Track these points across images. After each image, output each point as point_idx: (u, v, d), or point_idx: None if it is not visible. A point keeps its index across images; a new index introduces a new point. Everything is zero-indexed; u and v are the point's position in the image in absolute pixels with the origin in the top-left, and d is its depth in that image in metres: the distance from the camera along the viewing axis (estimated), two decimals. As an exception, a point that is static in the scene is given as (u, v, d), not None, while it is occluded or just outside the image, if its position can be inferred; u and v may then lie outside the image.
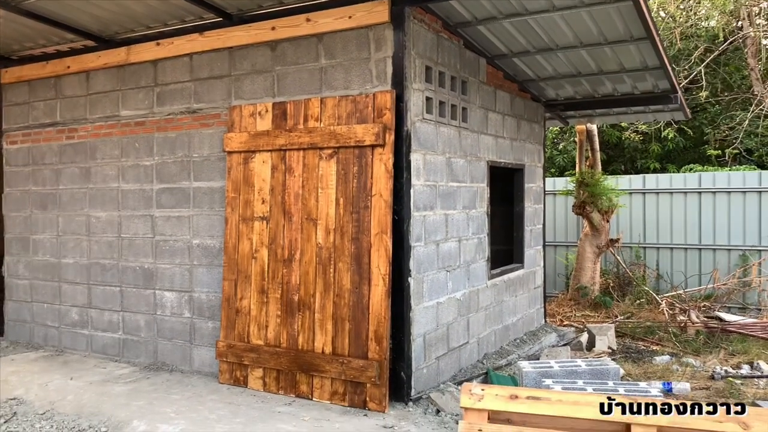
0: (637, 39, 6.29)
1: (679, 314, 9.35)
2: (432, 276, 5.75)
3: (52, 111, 7.35)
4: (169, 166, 6.45)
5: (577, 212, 10.65)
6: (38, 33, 6.79)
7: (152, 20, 6.25)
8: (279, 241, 5.59)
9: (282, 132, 5.59)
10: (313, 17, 5.51)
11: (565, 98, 8.70)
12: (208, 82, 6.18)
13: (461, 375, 6.26)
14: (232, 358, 5.73)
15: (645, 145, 15.76)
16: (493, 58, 6.96)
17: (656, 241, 11.26)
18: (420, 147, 5.49)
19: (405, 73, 5.20)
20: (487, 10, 5.79)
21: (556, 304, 10.63)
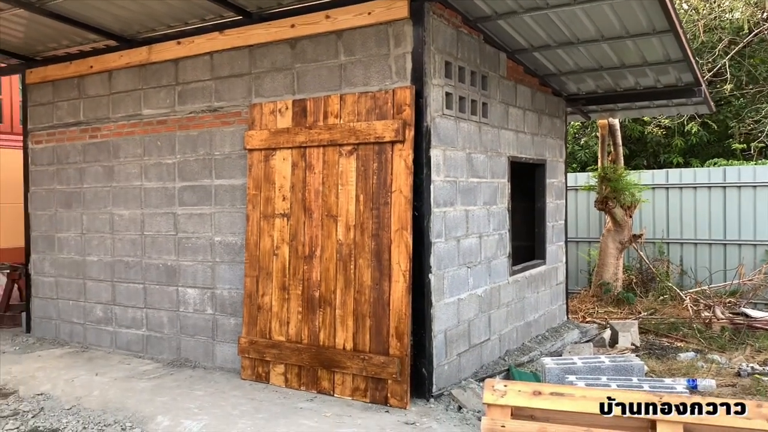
0: (660, 32, 6.20)
1: (703, 310, 9.23)
2: (453, 272, 5.74)
3: (75, 110, 7.45)
4: (190, 164, 6.50)
5: (600, 207, 10.55)
6: (61, 33, 6.88)
7: (173, 19, 6.30)
8: (300, 238, 5.60)
9: (302, 129, 5.61)
10: (332, 14, 5.51)
11: (587, 92, 8.62)
12: (228, 80, 6.22)
13: (483, 372, 6.24)
14: (254, 354, 5.76)
15: (668, 140, 15.55)
16: (514, 53, 6.91)
17: (680, 237, 11.12)
18: (440, 143, 5.48)
19: (424, 69, 5.18)
20: (508, 4, 5.74)
21: (578, 301, 10.55)
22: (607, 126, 11.07)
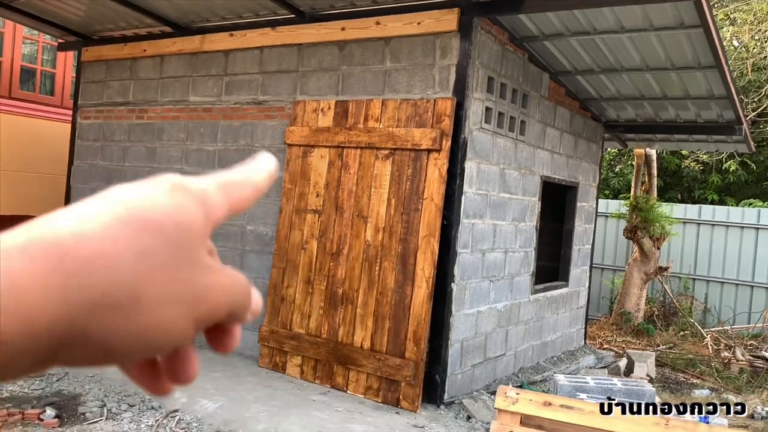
0: (705, 67, 6.22)
1: (723, 350, 9.15)
2: (475, 284, 5.81)
3: (125, 91, 7.69)
4: (230, 153, 6.68)
5: (628, 236, 10.51)
6: (120, 15, 7.12)
7: (228, 12, 6.50)
8: (329, 235, 5.73)
9: (342, 129, 5.75)
10: (382, 21, 5.65)
11: (626, 120, 8.63)
12: (275, 75, 6.39)
13: (495, 385, 6.29)
14: (273, 343, 5.90)
15: (704, 176, 15.40)
16: (557, 74, 6.98)
17: (707, 274, 11.02)
18: (475, 155, 5.57)
19: (467, 82, 5.28)
20: (555, 26, 5.82)
21: (597, 327, 10.51)
22: (644, 156, 11.04)
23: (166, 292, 0.34)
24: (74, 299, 0.32)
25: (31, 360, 0.32)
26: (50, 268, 0.32)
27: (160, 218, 0.35)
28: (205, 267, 0.37)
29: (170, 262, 0.35)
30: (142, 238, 0.34)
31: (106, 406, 4.74)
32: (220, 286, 0.37)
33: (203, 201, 0.38)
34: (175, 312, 0.34)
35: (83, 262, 0.32)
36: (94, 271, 0.32)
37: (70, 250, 0.32)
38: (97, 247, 0.33)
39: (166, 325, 0.34)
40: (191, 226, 0.36)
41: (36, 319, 0.31)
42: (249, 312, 0.41)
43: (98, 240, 0.33)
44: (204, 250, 0.37)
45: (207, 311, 0.36)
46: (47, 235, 0.33)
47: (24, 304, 0.31)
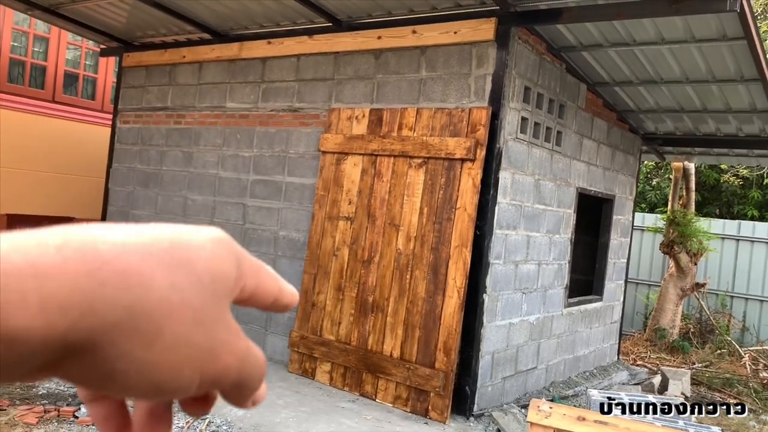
0: (748, 80, 6.09)
1: (762, 370, 8.90)
2: (507, 296, 5.76)
3: (164, 96, 7.83)
4: (265, 159, 6.74)
5: (665, 251, 10.32)
6: (160, 22, 7.26)
7: (266, 19, 6.58)
8: (360, 242, 5.74)
9: (375, 137, 5.76)
10: (419, 30, 5.65)
11: (664, 133, 8.49)
12: (311, 83, 6.44)
13: (525, 399, 6.21)
14: (303, 349, 5.92)
15: (744, 191, 15.05)
16: (594, 85, 6.90)
17: (745, 292, 10.75)
18: (510, 165, 5.53)
19: (503, 92, 5.25)
20: (594, 37, 5.76)
21: (631, 343, 10.32)
22: (682, 169, 10.84)
23: (186, 335, 0.33)
24: (100, 310, 0.30)
25: (36, 364, 0.30)
26: (83, 272, 0.30)
27: (199, 260, 0.34)
28: (228, 325, 0.36)
29: (199, 306, 0.34)
30: (179, 272, 0.33)
31: (138, 406, 4.80)
32: (236, 350, 0.36)
33: (240, 263, 0.37)
34: (188, 359, 0.33)
35: (119, 275, 0.31)
36: (127, 288, 0.31)
37: (108, 260, 0.31)
38: (136, 264, 0.32)
39: (175, 370, 0.33)
40: (225, 280, 0.36)
41: (56, 322, 0.29)
42: (254, 393, 0.39)
43: (138, 257, 0.32)
44: (229, 308, 0.36)
45: (216, 371, 0.35)
46: (87, 240, 0.32)
47: (48, 303, 0.29)
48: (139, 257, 0.32)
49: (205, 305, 0.34)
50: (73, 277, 0.30)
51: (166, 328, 0.32)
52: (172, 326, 0.32)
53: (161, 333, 0.32)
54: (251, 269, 0.39)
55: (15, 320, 0.28)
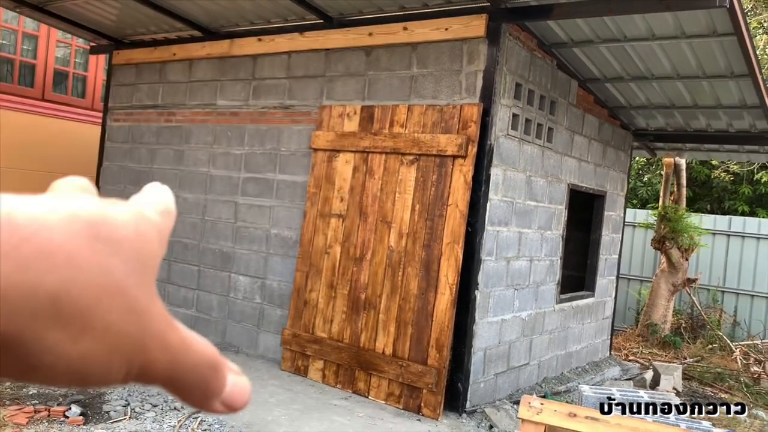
0: (738, 75, 6.11)
1: (753, 365, 8.95)
2: (499, 292, 5.76)
3: (154, 94, 7.79)
4: (257, 156, 6.72)
5: (656, 247, 10.36)
6: (151, 20, 7.22)
7: (257, 17, 6.55)
8: (352, 240, 5.73)
9: (367, 135, 5.75)
10: (410, 26, 5.65)
11: (656, 129, 8.51)
12: (302, 80, 6.42)
13: (518, 395, 6.22)
14: (295, 347, 5.91)
15: (735, 186, 15.12)
16: (585, 82, 6.91)
17: (736, 287, 10.81)
18: (501, 162, 5.53)
19: (494, 88, 5.25)
20: (585, 33, 5.77)
21: (623, 338, 10.36)
22: (673, 165, 10.88)
23: (118, 324, 0.29)
24: (19, 299, 0.26)
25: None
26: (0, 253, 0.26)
27: (125, 239, 0.30)
28: (159, 313, 0.31)
29: (130, 291, 0.30)
30: (105, 252, 0.29)
31: (130, 405, 4.78)
32: (167, 344, 0.31)
33: (161, 236, 0.33)
34: (118, 349, 0.29)
35: (41, 255, 0.27)
36: (50, 270, 0.27)
37: (28, 236, 0.27)
38: (60, 240, 0.27)
39: (104, 362, 0.29)
40: (152, 262, 0.32)
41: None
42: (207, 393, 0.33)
43: (62, 236, 0.28)
44: (157, 294, 0.32)
45: (142, 363, 0.30)
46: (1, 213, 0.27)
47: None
48: (62, 233, 0.28)
49: (136, 290, 0.30)
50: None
51: (97, 317, 0.28)
52: (102, 314, 0.28)
53: (91, 323, 0.28)
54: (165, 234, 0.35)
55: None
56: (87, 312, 0.28)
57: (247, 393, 0.35)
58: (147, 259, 0.31)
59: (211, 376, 0.33)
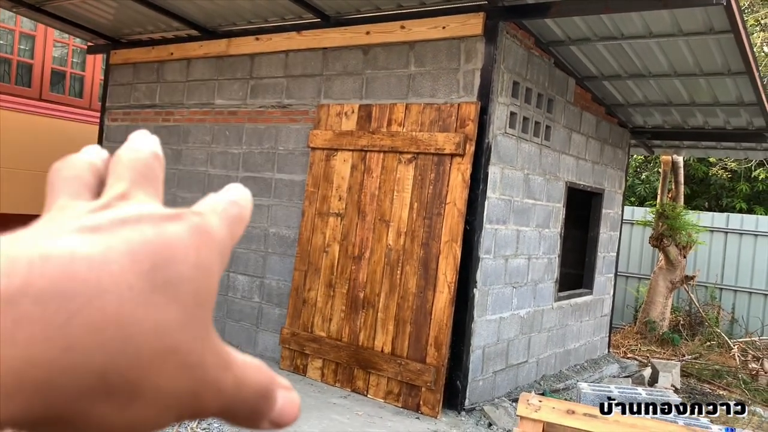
0: (735, 73, 6.12)
1: (751, 361, 8.97)
2: (497, 290, 5.77)
3: (152, 93, 7.79)
4: (255, 156, 6.72)
5: (654, 244, 10.37)
6: (148, 19, 7.22)
7: (254, 16, 6.55)
8: (351, 239, 5.74)
9: (365, 133, 5.75)
10: (407, 25, 5.65)
11: (653, 126, 8.52)
12: (300, 79, 6.42)
13: (517, 393, 6.23)
14: (294, 346, 5.91)
15: (732, 184, 15.15)
16: (583, 80, 6.92)
17: (734, 284, 10.83)
18: (499, 160, 5.53)
19: (492, 87, 5.26)
20: (582, 31, 5.77)
21: (621, 336, 10.38)
22: (671, 162, 10.90)
23: (169, 386, 0.26)
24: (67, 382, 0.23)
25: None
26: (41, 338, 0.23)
27: (182, 280, 0.26)
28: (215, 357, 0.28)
29: (185, 346, 0.26)
30: (161, 304, 0.25)
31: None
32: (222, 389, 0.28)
33: (224, 253, 0.29)
34: (168, 408, 0.26)
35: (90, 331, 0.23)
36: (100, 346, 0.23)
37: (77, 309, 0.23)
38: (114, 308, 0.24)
39: (152, 420, 0.26)
40: (212, 293, 0.28)
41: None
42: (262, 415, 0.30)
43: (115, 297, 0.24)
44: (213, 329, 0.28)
45: (194, 411, 0.27)
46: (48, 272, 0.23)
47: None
48: (116, 296, 0.24)
49: (191, 343, 0.26)
50: (25, 347, 0.22)
51: (147, 383, 0.25)
52: (152, 380, 0.25)
53: (140, 390, 0.25)
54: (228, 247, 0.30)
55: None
56: (137, 381, 0.25)
57: (297, 409, 0.32)
58: (206, 297, 0.27)
59: (261, 404, 0.31)
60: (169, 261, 0.26)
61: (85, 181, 0.31)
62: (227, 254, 0.30)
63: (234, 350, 0.29)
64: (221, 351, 0.28)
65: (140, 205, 0.28)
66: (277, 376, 0.31)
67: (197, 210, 0.30)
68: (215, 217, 0.30)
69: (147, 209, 0.28)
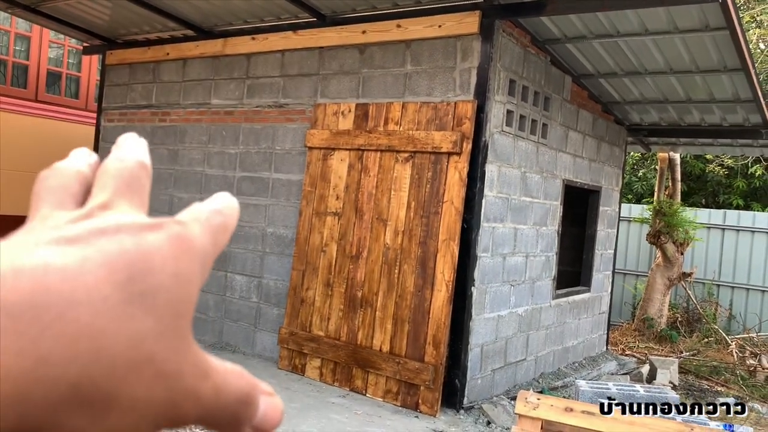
0: (731, 70, 6.13)
1: (749, 358, 8.99)
2: (495, 288, 5.77)
3: (148, 94, 7.77)
4: (252, 155, 6.72)
5: (651, 241, 10.38)
6: (144, 19, 7.21)
7: (250, 15, 6.54)
8: (348, 238, 5.73)
9: (362, 132, 5.75)
10: (403, 24, 5.65)
11: (650, 124, 8.53)
12: (296, 78, 6.41)
13: (515, 391, 6.23)
14: (292, 345, 5.91)
15: (729, 180, 15.17)
16: (579, 77, 6.92)
17: (731, 280, 10.85)
18: (496, 158, 5.54)
19: (488, 85, 5.26)
20: (578, 28, 5.78)
21: (619, 333, 10.39)
22: (667, 160, 10.91)
23: (146, 395, 0.25)
24: (41, 394, 0.23)
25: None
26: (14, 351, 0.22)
27: (160, 289, 0.26)
28: (193, 366, 0.27)
29: (162, 356, 0.26)
30: (137, 315, 0.25)
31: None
32: (201, 398, 0.27)
33: (205, 263, 0.29)
34: (144, 417, 0.26)
35: (65, 344, 0.23)
36: (73, 358, 0.23)
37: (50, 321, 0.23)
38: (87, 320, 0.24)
39: (130, 429, 0.26)
40: (190, 303, 0.27)
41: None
42: (245, 425, 0.30)
43: (89, 309, 0.24)
44: (192, 338, 0.28)
45: (171, 419, 0.27)
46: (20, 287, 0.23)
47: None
48: (90, 308, 0.24)
49: (167, 352, 0.26)
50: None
51: (122, 393, 0.25)
52: (128, 390, 0.25)
53: (116, 401, 0.24)
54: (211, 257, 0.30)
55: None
56: (112, 392, 0.24)
57: (279, 414, 0.32)
58: (184, 306, 0.27)
59: (242, 410, 0.30)
60: (145, 272, 0.26)
61: (70, 191, 0.31)
62: (209, 263, 0.30)
63: (214, 358, 0.29)
64: (199, 359, 0.28)
65: (121, 215, 0.28)
66: (259, 382, 0.31)
67: (179, 219, 0.30)
68: (197, 225, 0.30)
69: (127, 219, 0.28)
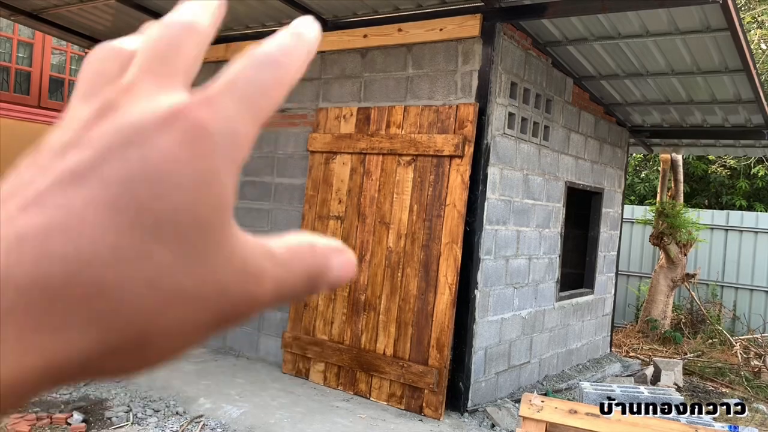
0: (733, 70, 6.13)
1: (753, 359, 8.97)
2: (499, 291, 5.77)
3: (151, 100, 7.78)
4: (255, 160, 6.73)
5: (654, 243, 10.37)
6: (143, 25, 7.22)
7: (252, 20, 6.56)
8: (351, 241, 5.74)
9: (364, 136, 5.76)
10: (404, 27, 5.66)
11: (652, 125, 8.53)
12: (298, 83, 6.41)
13: (519, 393, 6.23)
14: (296, 349, 5.91)
15: (732, 181, 15.15)
16: (581, 79, 6.93)
17: (735, 281, 10.83)
18: (498, 161, 5.54)
19: (490, 88, 5.26)
20: (579, 31, 5.78)
21: (623, 335, 10.38)
22: (670, 161, 10.90)
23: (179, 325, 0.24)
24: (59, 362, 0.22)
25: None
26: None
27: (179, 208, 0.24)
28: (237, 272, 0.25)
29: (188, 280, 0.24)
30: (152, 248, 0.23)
31: (132, 411, 4.79)
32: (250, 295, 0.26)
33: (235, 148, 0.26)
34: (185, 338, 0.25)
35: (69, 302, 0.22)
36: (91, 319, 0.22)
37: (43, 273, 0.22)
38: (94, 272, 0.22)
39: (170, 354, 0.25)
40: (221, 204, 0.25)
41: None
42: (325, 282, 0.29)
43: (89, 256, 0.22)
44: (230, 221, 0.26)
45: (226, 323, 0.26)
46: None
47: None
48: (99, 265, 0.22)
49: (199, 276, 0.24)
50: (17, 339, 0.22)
51: (153, 331, 0.24)
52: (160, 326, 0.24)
53: (148, 341, 0.24)
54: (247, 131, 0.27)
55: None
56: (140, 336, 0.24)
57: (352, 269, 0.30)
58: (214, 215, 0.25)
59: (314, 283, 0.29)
60: (155, 198, 0.23)
61: (106, 76, 0.28)
62: (247, 144, 0.27)
63: (275, 242, 0.27)
64: (249, 264, 0.26)
65: (134, 107, 0.25)
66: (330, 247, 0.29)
67: (206, 95, 0.26)
68: (229, 98, 0.26)
69: (137, 115, 0.25)
